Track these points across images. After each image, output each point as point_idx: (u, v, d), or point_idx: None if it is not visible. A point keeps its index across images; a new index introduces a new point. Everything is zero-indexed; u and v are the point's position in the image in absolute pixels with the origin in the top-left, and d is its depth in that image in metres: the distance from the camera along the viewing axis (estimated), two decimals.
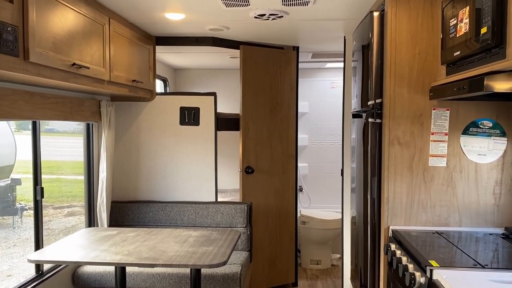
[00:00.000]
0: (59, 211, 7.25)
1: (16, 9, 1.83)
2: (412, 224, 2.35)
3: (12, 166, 7.90)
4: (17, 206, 8.11)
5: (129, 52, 3.09)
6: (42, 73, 2.03)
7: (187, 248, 2.52)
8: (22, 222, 7.52)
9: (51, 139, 7.38)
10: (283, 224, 4.05)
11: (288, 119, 4.03)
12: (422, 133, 2.33)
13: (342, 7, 2.78)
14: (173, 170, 3.68)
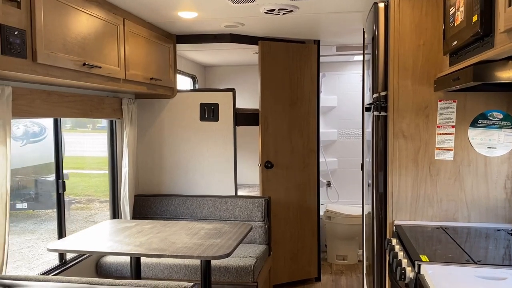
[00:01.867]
0: (104, 205, 7.59)
1: (23, 14, 1.96)
2: (418, 219, 2.30)
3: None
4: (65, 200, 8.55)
5: (147, 51, 3.20)
6: (52, 73, 2.16)
7: (195, 240, 2.59)
8: (69, 214, 7.94)
9: (101, 136, 7.73)
10: (305, 218, 4.05)
11: (309, 113, 4.02)
12: (427, 126, 2.27)
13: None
14: (194, 165, 3.78)
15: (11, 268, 5.35)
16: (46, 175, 7.33)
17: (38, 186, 6.97)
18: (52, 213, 7.49)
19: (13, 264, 5.63)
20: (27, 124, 7.04)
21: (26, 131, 7.09)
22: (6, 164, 2.15)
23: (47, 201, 7.04)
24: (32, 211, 7.31)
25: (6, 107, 2.16)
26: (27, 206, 7.25)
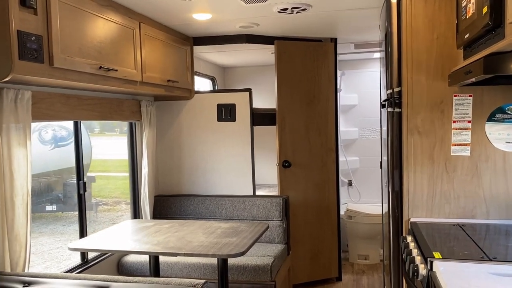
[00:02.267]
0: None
1: (40, 20, 2.02)
2: (434, 216, 2.26)
3: (88, 165, 8.56)
4: (93, 202, 8.77)
5: (164, 53, 3.25)
6: (69, 76, 2.22)
7: (211, 239, 2.62)
8: (97, 216, 8.13)
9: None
10: (324, 218, 4.03)
11: (327, 112, 4.00)
12: (443, 121, 2.23)
13: None
14: (212, 165, 3.82)
15: (41, 268, 5.51)
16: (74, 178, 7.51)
17: (66, 189, 7.16)
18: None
19: (43, 265, 5.80)
20: (55, 129, 7.25)
21: (54, 135, 7.30)
22: (26, 166, 2.22)
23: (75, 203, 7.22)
24: (61, 213, 7.52)
25: (26, 110, 2.23)
26: (56, 208, 7.46)
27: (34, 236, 7.01)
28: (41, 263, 5.94)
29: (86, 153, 8.81)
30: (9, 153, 2.15)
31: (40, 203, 7.67)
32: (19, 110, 2.18)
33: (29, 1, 1.94)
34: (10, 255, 2.17)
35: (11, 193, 2.16)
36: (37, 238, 6.98)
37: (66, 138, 7.37)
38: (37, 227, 7.42)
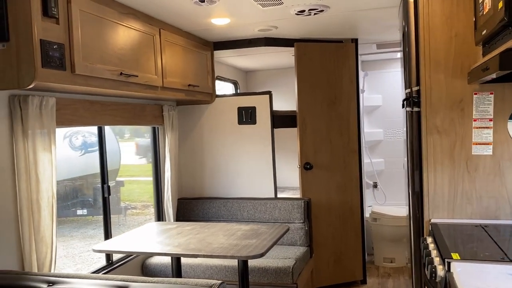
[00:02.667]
0: None
1: (62, 29, 2.10)
2: (456, 217, 2.21)
3: (117, 170, 8.76)
4: (121, 206, 8.95)
5: (184, 59, 3.31)
6: (90, 83, 2.29)
7: (231, 241, 2.64)
8: (126, 220, 8.30)
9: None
10: (348, 220, 3.99)
11: (349, 113, 3.96)
12: (463, 120, 2.18)
13: None
14: (233, 168, 3.85)
15: (72, 271, 5.67)
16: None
17: (96, 193, 7.34)
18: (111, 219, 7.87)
19: (74, 267, 5.97)
20: (85, 135, 7.45)
21: (84, 141, 7.51)
22: (51, 170, 2.30)
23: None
24: (92, 217, 7.71)
25: (51, 116, 2.32)
26: (86, 212, 7.66)
27: (65, 239, 7.22)
28: (72, 265, 6.11)
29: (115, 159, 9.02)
30: (35, 157, 2.23)
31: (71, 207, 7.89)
32: (44, 116, 2.27)
33: (51, 11, 2.02)
34: (36, 256, 2.25)
35: (37, 196, 2.24)
36: (69, 241, 7.18)
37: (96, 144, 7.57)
38: (68, 230, 7.64)
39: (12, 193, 2.22)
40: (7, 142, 2.21)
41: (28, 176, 2.22)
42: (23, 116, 2.20)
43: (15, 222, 2.23)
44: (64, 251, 6.83)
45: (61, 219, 7.79)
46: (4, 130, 2.20)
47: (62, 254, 6.67)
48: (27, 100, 2.20)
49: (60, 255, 6.57)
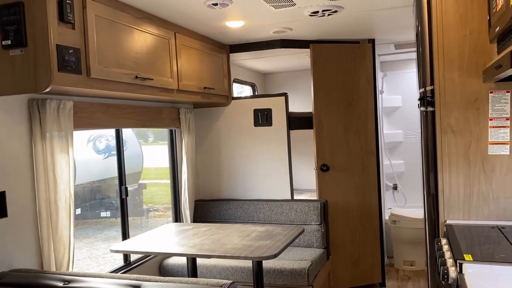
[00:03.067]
0: None
1: (77, 34, 2.16)
2: (472, 218, 2.17)
3: (140, 172, 8.88)
4: (144, 208, 9.07)
5: (200, 62, 3.34)
6: (106, 86, 2.34)
7: (245, 242, 2.65)
8: (148, 222, 8.41)
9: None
10: (366, 222, 3.95)
11: (366, 114, 3.93)
12: (478, 119, 2.14)
13: None
14: (250, 170, 3.87)
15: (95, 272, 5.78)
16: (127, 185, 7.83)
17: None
18: (133, 221, 7.98)
19: (97, 268, 6.09)
20: (108, 139, 7.59)
21: (107, 145, 7.66)
22: (69, 171, 2.36)
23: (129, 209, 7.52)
24: (115, 219, 7.85)
25: (68, 119, 2.38)
26: (110, 215, 7.80)
27: (89, 241, 7.37)
28: (95, 266, 6.23)
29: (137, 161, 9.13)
30: (53, 159, 2.29)
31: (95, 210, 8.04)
32: (61, 119, 2.33)
33: (67, 16, 2.08)
34: (55, 255, 2.31)
35: (55, 197, 2.30)
36: (93, 243, 7.33)
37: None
38: (92, 232, 7.79)
39: (31, 194, 2.29)
40: (26, 145, 2.28)
41: (46, 178, 2.28)
42: (42, 119, 2.26)
43: (34, 222, 2.30)
44: (88, 252, 6.97)
45: (86, 221, 7.96)
46: (24, 132, 2.27)
47: (86, 255, 6.81)
48: (45, 104, 2.26)
49: (84, 256, 6.71)
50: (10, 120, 2.19)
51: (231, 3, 2.64)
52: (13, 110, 2.21)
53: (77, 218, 7.64)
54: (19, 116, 2.24)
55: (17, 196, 2.22)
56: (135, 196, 8.56)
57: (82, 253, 6.81)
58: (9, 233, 2.17)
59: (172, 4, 2.64)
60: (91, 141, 7.72)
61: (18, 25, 1.98)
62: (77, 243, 7.18)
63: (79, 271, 2.10)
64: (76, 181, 7.48)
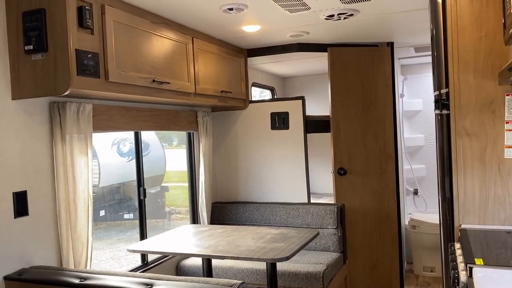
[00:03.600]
0: None
1: (96, 39, 2.23)
2: (488, 223, 2.13)
3: (162, 175, 9.02)
4: (166, 210, 9.18)
5: (217, 66, 3.39)
6: (123, 89, 2.41)
7: (259, 244, 2.67)
8: (170, 224, 8.52)
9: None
10: (384, 227, 3.91)
11: (385, 118, 3.90)
12: (494, 123, 2.11)
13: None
14: (267, 173, 3.89)
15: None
16: (149, 188, 7.97)
17: None
18: (155, 223, 8.10)
19: (119, 269, 6.20)
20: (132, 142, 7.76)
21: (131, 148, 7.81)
22: (87, 172, 2.44)
23: (150, 211, 7.65)
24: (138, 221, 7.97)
25: (87, 122, 2.45)
26: (133, 217, 7.93)
27: (113, 242, 7.52)
28: (117, 267, 6.35)
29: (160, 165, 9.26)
30: (72, 160, 2.37)
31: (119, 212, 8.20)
32: (81, 122, 2.41)
33: (86, 22, 2.15)
34: (73, 253, 2.39)
35: (74, 197, 2.38)
36: (115, 244, 7.47)
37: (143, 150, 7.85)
38: (115, 234, 7.94)
39: (52, 194, 2.37)
40: (47, 146, 2.36)
41: (66, 178, 2.36)
42: (62, 122, 2.34)
43: (54, 221, 2.38)
44: (111, 254, 7.11)
45: (109, 223, 8.12)
46: (45, 134, 2.35)
47: (108, 256, 6.95)
48: (65, 107, 2.34)
49: (107, 257, 6.84)
50: (32, 122, 2.28)
51: (247, 7, 2.68)
52: (35, 113, 2.29)
53: (101, 220, 7.81)
54: (40, 118, 2.32)
55: (38, 196, 2.30)
56: (158, 198, 8.68)
57: (105, 254, 6.95)
58: (30, 231, 2.25)
59: (189, 10, 2.70)
60: (115, 144, 7.89)
61: (39, 31, 2.07)
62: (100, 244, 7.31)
63: (95, 269, 2.16)
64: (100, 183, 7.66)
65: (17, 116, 2.20)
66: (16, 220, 2.19)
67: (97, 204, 7.41)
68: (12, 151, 2.18)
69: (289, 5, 2.66)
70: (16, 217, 2.18)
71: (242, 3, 2.60)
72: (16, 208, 2.18)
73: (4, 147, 2.14)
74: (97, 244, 7.09)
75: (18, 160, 2.20)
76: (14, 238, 2.18)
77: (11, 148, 2.17)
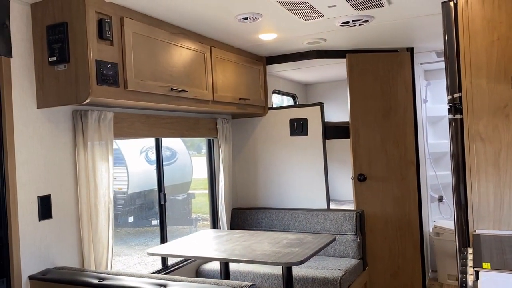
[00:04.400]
0: None
1: (116, 50, 2.34)
2: (503, 228, 2.10)
3: (189, 183, 9.17)
4: (192, 217, 9.32)
5: (235, 74, 3.46)
6: (142, 98, 2.51)
7: (275, 248, 2.70)
8: (196, 230, 8.63)
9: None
10: (406, 234, 3.87)
11: (405, 124, 3.87)
12: (508, 127, 2.08)
13: (423, 1, 2.66)
14: (286, 179, 3.92)
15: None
16: (176, 195, 8.12)
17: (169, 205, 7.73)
18: (182, 230, 8.23)
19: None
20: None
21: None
22: (108, 177, 2.54)
23: (177, 218, 7.78)
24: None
25: (108, 129, 2.56)
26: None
27: (140, 248, 7.67)
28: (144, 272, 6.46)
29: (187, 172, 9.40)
30: (94, 166, 2.48)
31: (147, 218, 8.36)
32: (102, 129, 2.52)
33: (106, 34, 2.26)
34: (94, 255, 2.49)
35: (95, 201, 2.48)
36: (143, 250, 7.62)
37: (170, 157, 8.02)
38: (144, 240, 8.10)
39: (74, 198, 2.48)
40: (70, 153, 2.48)
41: (88, 183, 2.47)
42: (84, 129, 2.46)
43: (76, 224, 2.49)
44: (139, 259, 7.26)
45: (138, 229, 8.29)
46: (68, 141, 2.47)
47: (137, 261, 7.10)
48: (87, 115, 2.46)
49: (135, 263, 7.00)
50: (56, 130, 2.40)
51: (261, 16, 2.74)
52: (59, 121, 2.42)
53: (129, 226, 7.99)
54: (64, 126, 2.44)
55: (61, 200, 2.41)
56: (185, 205, 8.82)
57: (133, 260, 7.11)
58: (53, 233, 2.37)
59: (206, 20, 2.78)
60: (144, 152, 8.08)
61: (62, 43, 2.19)
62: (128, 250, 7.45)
63: (114, 271, 2.24)
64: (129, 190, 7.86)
65: (42, 124, 2.33)
66: (40, 222, 2.30)
67: (126, 211, 7.59)
68: (37, 157, 2.30)
69: (303, 13, 2.71)
70: (40, 220, 2.30)
71: (256, 12, 2.67)
72: (40, 211, 2.30)
73: (30, 153, 2.26)
74: (126, 250, 7.26)
75: (42, 165, 2.32)
76: (39, 239, 2.30)
77: (36, 154, 2.30)
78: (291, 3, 2.50)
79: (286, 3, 2.50)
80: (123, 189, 7.61)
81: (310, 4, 2.53)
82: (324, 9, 2.64)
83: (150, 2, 2.40)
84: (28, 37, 2.27)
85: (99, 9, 2.24)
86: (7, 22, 2.17)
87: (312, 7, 2.59)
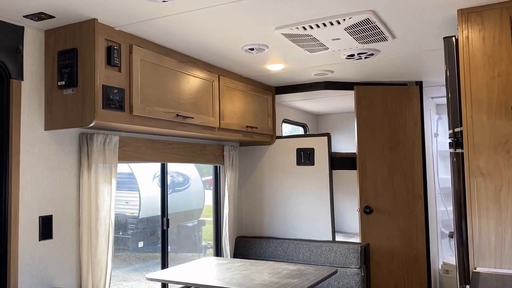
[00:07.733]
0: None
1: (123, 76, 2.41)
2: (505, 267, 2.05)
3: (201, 209, 9.16)
4: (202, 245, 9.26)
5: (243, 102, 3.51)
6: (147, 123, 2.56)
7: (274, 279, 2.67)
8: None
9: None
10: (412, 269, 3.78)
11: (413, 157, 3.84)
12: (509, 163, 2.06)
13: (427, 36, 2.68)
14: (292, 208, 3.90)
15: None
16: (187, 221, 8.11)
17: (180, 231, 7.73)
18: (192, 257, 8.18)
19: None
20: (173, 175, 7.99)
21: (172, 181, 8.03)
22: (110, 200, 2.57)
23: (188, 245, 7.75)
24: (175, 254, 8.09)
25: (113, 153, 2.61)
26: (170, 249, 8.05)
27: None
28: None
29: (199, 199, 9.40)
30: (96, 188, 2.52)
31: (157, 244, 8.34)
32: (107, 152, 2.57)
33: (114, 61, 2.34)
34: (92, 278, 2.49)
35: (96, 223, 2.51)
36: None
37: (182, 183, 8.06)
38: (153, 265, 8.06)
39: (75, 219, 2.52)
40: (74, 174, 2.53)
41: (89, 205, 2.50)
42: (89, 151, 2.52)
43: (76, 245, 2.51)
44: (146, 285, 7.22)
45: (147, 255, 8.27)
46: (74, 163, 2.53)
47: (145, 287, 7.06)
48: (93, 138, 2.52)
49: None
50: (61, 151, 2.46)
51: (267, 48, 2.80)
52: (65, 143, 2.48)
53: (138, 251, 7.98)
54: (70, 148, 2.50)
55: (62, 220, 2.45)
56: (195, 232, 8.78)
57: (141, 286, 7.07)
58: (53, 253, 2.39)
59: (214, 49, 2.85)
60: (156, 177, 8.14)
61: (71, 68, 2.27)
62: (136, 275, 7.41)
63: None
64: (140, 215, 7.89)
65: (48, 146, 2.39)
66: (40, 242, 2.34)
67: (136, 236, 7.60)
68: (42, 178, 2.36)
69: (308, 45, 2.76)
70: (40, 240, 2.33)
71: (262, 43, 2.73)
72: (41, 231, 2.34)
73: (34, 173, 2.32)
74: (134, 275, 7.23)
75: (46, 185, 2.37)
76: (38, 259, 2.32)
77: (41, 174, 2.35)
78: (296, 35, 2.56)
79: (291, 35, 2.56)
80: (135, 213, 7.65)
81: (314, 37, 2.58)
82: (328, 42, 2.69)
83: (159, 31, 2.49)
84: (40, 62, 2.37)
85: (108, 36, 2.33)
86: (21, 47, 2.27)
87: (316, 40, 2.64)
